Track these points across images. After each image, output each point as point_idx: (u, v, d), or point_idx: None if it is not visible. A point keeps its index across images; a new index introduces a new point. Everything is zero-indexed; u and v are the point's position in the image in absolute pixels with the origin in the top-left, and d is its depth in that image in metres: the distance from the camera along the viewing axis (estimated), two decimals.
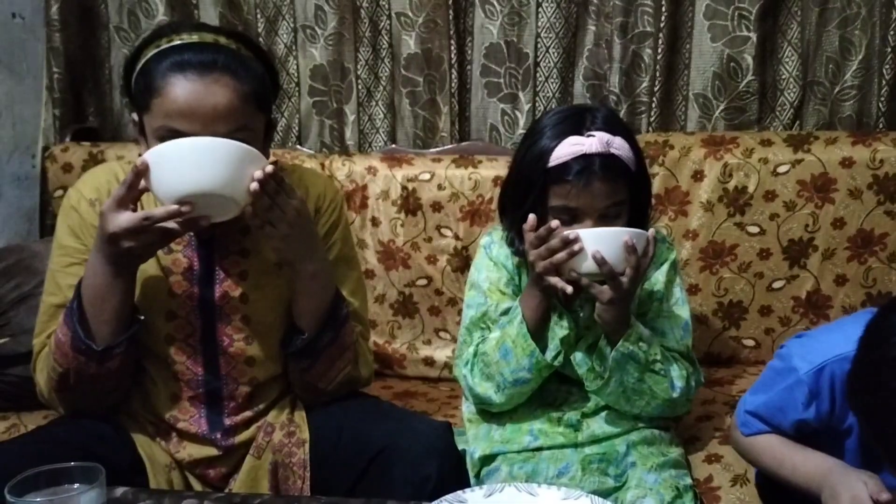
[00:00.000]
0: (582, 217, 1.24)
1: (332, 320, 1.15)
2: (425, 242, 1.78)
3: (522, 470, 1.26)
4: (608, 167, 1.22)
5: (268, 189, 1.04)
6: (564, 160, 1.22)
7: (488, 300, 1.35)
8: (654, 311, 1.35)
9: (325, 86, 1.99)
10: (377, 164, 1.81)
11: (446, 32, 1.90)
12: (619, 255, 1.18)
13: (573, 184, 1.22)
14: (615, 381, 1.26)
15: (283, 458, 1.19)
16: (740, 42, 1.82)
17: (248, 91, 1.09)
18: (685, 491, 1.22)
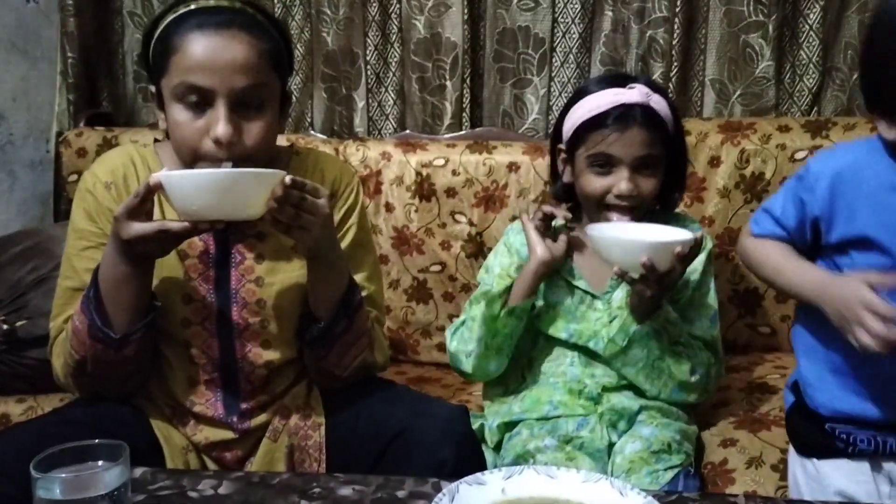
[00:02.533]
0: (617, 165, 1.28)
1: (347, 307, 1.14)
2: (439, 228, 1.78)
3: (543, 429, 1.28)
4: (647, 117, 1.27)
5: (291, 200, 1.02)
6: (605, 108, 1.28)
7: (493, 282, 1.38)
8: (686, 299, 1.36)
9: (336, 71, 1.98)
10: (391, 150, 1.80)
11: (459, 16, 1.89)
12: (669, 263, 1.18)
13: (612, 129, 1.27)
14: (634, 355, 1.28)
15: (299, 441, 1.19)
16: (756, 27, 1.81)
17: (265, 49, 1.10)
18: (676, 451, 1.23)
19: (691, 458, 1.26)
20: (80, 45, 1.97)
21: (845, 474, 1.13)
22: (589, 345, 1.34)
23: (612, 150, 1.27)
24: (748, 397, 1.50)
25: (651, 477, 1.17)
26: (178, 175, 1.01)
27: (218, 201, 0.99)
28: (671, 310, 1.27)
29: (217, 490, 0.99)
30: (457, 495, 0.93)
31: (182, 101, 1.09)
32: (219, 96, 1.07)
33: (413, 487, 0.99)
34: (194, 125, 1.09)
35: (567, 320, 1.37)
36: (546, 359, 1.39)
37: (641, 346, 1.27)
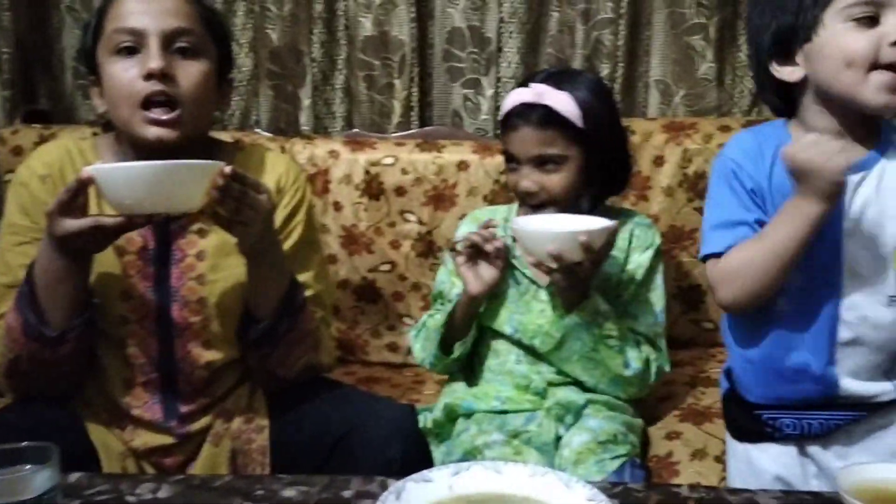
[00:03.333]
0: (518, 163, 1.34)
1: (289, 307, 1.12)
2: (389, 227, 1.76)
3: (491, 425, 1.29)
4: (539, 116, 1.30)
5: (232, 193, 1.00)
6: (508, 108, 1.34)
7: (445, 282, 1.43)
8: (631, 295, 1.37)
9: (282, 68, 1.96)
10: (339, 148, 1.78)
11: (406, 15, 1.88)
12: (575, 252, 1.19)
13: (509, 129, 1.34)
14: (569, 347, 1.30)
15: (242, 445, 1.17)
16: (698, 29, 1.84)
17: (197, 7, 1.13)
18: (622, 442, 1.24)
19: (637, 450, 1.28)
20: (15, 40, 1.91)
21: (774, 458, 1.16)
22: (534, 343, 1.35)
23: (513, 148, 1.33)
24: (692, 391, 1.53)
25: (598, 466, 1.18)
26: (110, 168, 0.98)
27: (152, 194, 0.96)
28: (602, 301, 1.29)
29: (156, 494, 0.96)
30: (403, 493, 0.92)
31: (116, 53, 1.10)
32: (151, 36, 1.08)
33: (359, 487, 0.97)
34: (129, 73, 1.09)
35: (511, 310, 1.37)
36: (492, 357, 1.40)
37: (575, 338, 1.29)
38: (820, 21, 1.01)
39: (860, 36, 0.99)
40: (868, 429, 1.13)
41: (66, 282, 1.05)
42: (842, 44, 1.00)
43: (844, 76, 1.00)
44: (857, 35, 0.99)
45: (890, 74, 0.98)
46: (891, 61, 0.97)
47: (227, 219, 1.02)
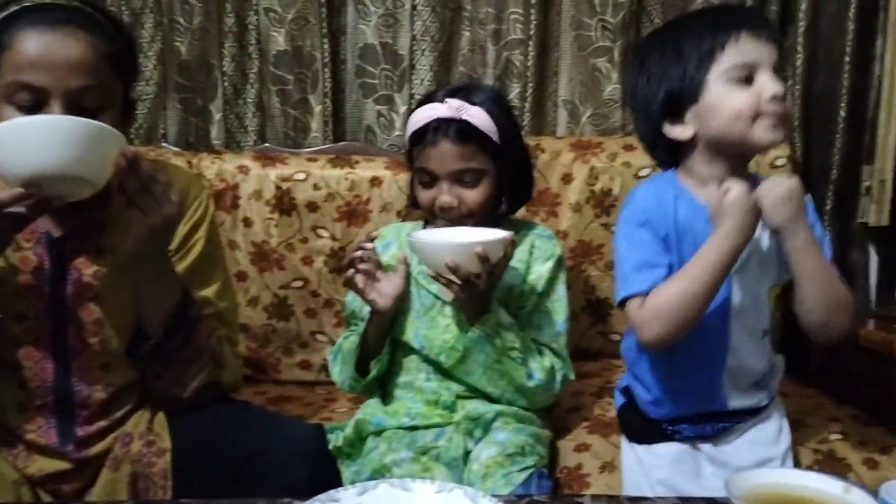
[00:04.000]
0: (437, 179, 1.33)
1: (181, 323, 1.10)
2: (301, 243, 1.75)
3: (401, 443, 1.29)
4: (459, 131, 1.30)
5: (140, 172, 0.98)
6: (422, 124, 1.32)
7: (355, 301, 1.42)
8: (533, 305, 1.39)
9: (191, 82, 1.92)
10: (249, 163, 1.76)
11: (318, 31, 1.88)
12: (472, 264, 1.21)
13: (426, 145, 1.32)
14: (472, 360, 1.31)
15: (142, 469, 1.13)
16: (603, 52, 1.91)
17: (104, 49, 1.05)
18: (529, 454, 1.26)
19: (545, 461, 1.30)
20: None
21: (670, 458, 1.24)
22: (440, 359, 1.36)
23: (430, 165, 1.32)
24: (600, 402, 1.56)
25: (505, 479, 1.19)
26: (4, 125, 0.94)
27: (52, 152, 0.92)
28: (504, 314, 1.31)
29: None
30: None
31: (12, 103, 1.02)
32: (53, 96, 1.01)
33: None
34: None
35: (416, 326, 1.38)
36: (403, 374, 1.40)
37: (478, 350, 1.30)
38: (704, 84, 1.15)
39: (741, 94, 1.13)
40: (752, 424, 1.27)
41: None
42: (728, 102, 1.14)
43: (734, 128, 1.14)
44: (738, 93, 1.13)
45: (772, 117, 1.13)
46: (771, 112, 1.12)
47: (129, 202, 1.00)
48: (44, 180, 0.95)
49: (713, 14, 1.20)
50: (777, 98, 1.12)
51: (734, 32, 1.13)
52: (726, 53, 1.13)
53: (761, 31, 1.14)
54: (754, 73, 1.13)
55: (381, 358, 1.37)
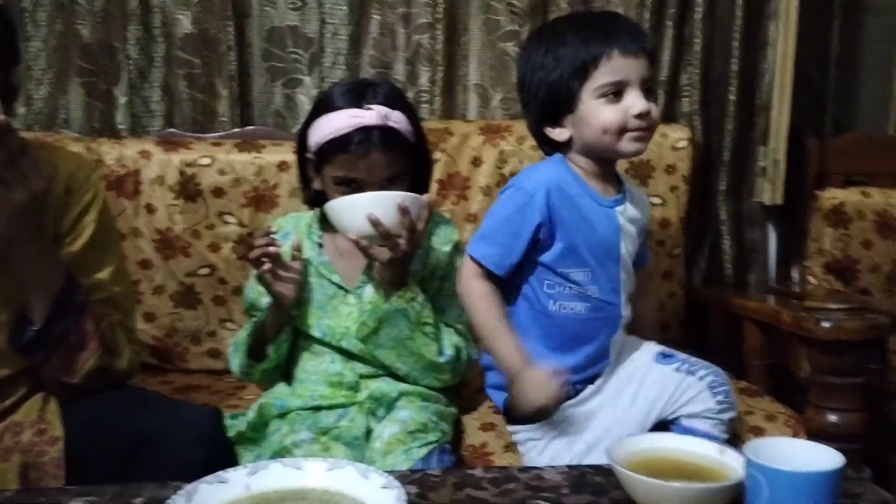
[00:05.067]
0: (363, 187, 1.29)
1: (65, 307, 1.08)
2: (207, 230, 1.72)
3: (303, 424, 1.28)
4: (386, 139, 1.28)
5: (9, 141, 0.95)
6: (345, 132, 1.28)
7: (254, 291, 1.41)
8: (435, 289, 1.41)
9: (94, 66, 1.86)
10: (151, 148, 1.72)
11: (223, 13, 1.85)
12: (393, 217, 1.22)
13: (353, 154, 1.28)
14: (384, 334, 1.31)
15: (33, 459, 1.10)
16: (511, 36, 1.93)
17: None
18: (432, 430, 1.27)
19: (448, 437, 1.32)
20: None
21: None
22: (342, 344, 1.36)
23: (356, 174, 1.29)
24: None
25: (405, 455, 1.21)
26: None
27: None
28: (418, 290, 1.32)
29: None
30: (195, 494, 0.90)
31: None
32: None
33: (153, 493, 0.95)
34: None
35: (319, 316, 1.38)
36: (308, 359, 1.40)
37: (391, 325, 1.30)
38: (578, 97, 1.24)
39: (610, 109, 1.23)
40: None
41: None
42: (598, 116, 1.24)
43: (603, 139, 1.25)
44: (608, 108, 1.23)
45: (636, 132, 1.24)
46: (636, 126, 1.23)
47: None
48: None
49: (589, 26, 1.27)
50: (643, 115, 1.22)
51: (606, 50, 1.22)
52: (599, 70, 1.22)
53: (633, 47, 1.22)
54: (623, 90, 1.23)
55: (279, 344, 1.36)
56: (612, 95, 1.23)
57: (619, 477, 0.92)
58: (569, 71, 1.24)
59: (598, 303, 1.29)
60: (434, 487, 0.99)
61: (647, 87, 1.25)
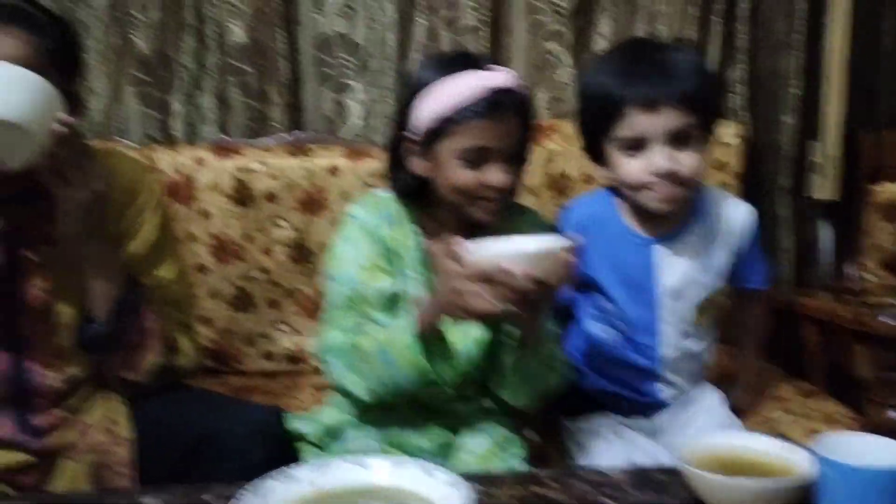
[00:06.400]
0: (492, 158, 1.14)
1: (126, 307, 1.11)
2: (260, 234, 1.75)
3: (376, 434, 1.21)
4: (517, 102, 1.15)
5: (74, 143, 0.99)
6: (476, 94, 1.12)
7: (361, 279, 1.18)
8: None
9: (150, 76, 1.91)
10: (205, 155, 1.76)
11: (275, 22, 1.88)
12: (558, 271, 1.04)
13: (488, 118, 1.12)
14: (519, 379, 1.19)
15: (102, 459, 1.14)
16: (556, 36, 1.93)
17: (42, 46, 1.06)
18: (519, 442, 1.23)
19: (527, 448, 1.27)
20: None
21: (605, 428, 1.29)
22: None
23: (488, 141, 1.13)
24: None
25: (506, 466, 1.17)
26: None
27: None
28: (550, 324, 1.19)
29: None
30: (263, 491, 0.92)
31: None
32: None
33: (221, 490, 0.97)
34: None
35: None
36: None
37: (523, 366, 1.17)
38: (603, 144, 1.21)
39: (632, 163, 1.18)
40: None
41: None
42: (620, 169, 1.20)
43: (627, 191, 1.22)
44: (629, 162, 1.18)
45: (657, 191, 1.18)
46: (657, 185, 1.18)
47: (59, 173, 1.01)
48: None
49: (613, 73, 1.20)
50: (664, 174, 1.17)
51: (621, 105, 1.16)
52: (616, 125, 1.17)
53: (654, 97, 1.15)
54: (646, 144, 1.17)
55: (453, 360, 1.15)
56: (631, 149, 1.17)
57: (685, 475, 0.92)
58: (594, 116, 1.20)
59: (628, 336, 1.27)
60: (497, 485, 0.99)
61: (677, 138, 1.15)
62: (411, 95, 1.19)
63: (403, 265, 1.22)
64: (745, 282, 1.32)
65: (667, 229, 1.26)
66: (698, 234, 1.26)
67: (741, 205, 1.31)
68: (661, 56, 1.19)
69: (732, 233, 1.28)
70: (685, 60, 1.19)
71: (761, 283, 1.34)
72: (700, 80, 1.18)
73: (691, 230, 1.26)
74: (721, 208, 1.29)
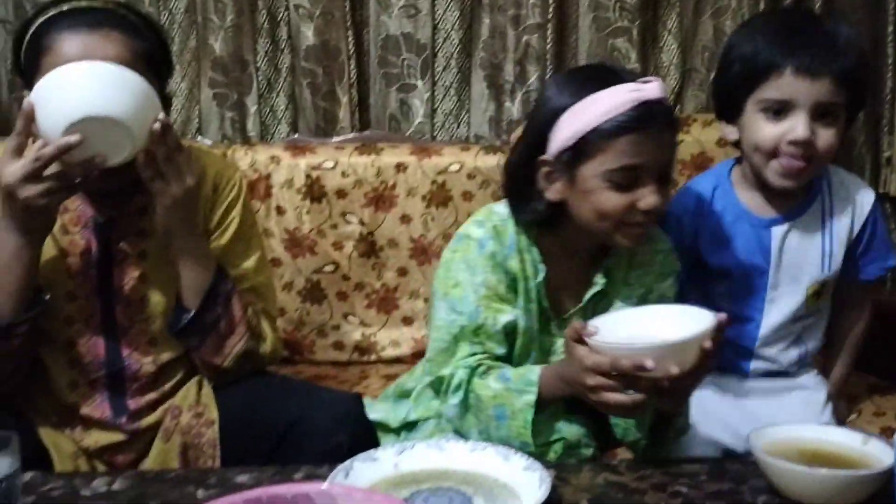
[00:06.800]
0: (643, 178, 1.06)
1: (216, 296, 1.16)
2: (331, 229, 1.81)
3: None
4: (668, 113, 1.08)
5: (169, 140, 1.05)
6: (626, 110, 1.03)
7: (483, 311, 1.13)
8: None
9: (226, 78, 1.99)
10: (280, 154, 1.82)
11: (343, 24, 1.94)
12: (697, 361, 0.97)
13: (641, 133, 1.04)
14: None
15: (191, 440, 1.19)
16: (622, 32, 1.94)
17: (139, 48, 1.11)
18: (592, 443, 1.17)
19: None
20: None
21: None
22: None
23: (641, 158, 1.05)
24: None
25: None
26: (51, 73, 1.01)
27: (97, 94, 0.99)
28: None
29: (110, 487, 0.99)
30: (351, 472, 0.97)
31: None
32: None
33: (308, 471, 1.02)
34: None
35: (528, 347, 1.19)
36: None
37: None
38: (745, 104, 1.20)
39: (769, 127, 1.18)
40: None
41: (16, 268, 1.06)
42: (755, 131, 1.20)
43: (754, 156, 1.22)
44: (767, 126, 1.18)
45: (788, 159, 1.18)
46: (789, 153, 1.18)
47: (155, 169, 1.07)
48: (87, 126, 1.00)
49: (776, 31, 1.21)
50: (798, 142, 1.16)
51: (779, 64, 1.16)
52: (767, 84, 1.18)
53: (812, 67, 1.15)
54: (790, 110, 1.17)
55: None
56: (773, 114, 1.17)
57: (762, 465, 0.93)
58: (740, 74, 1.19)
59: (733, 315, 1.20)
60: (572, 472, 1.02)
61: (822, 112, 1.16)
62: (550, 116, 1.10)
63: (523, 294, 1.17)
64: (860, 273, 1.32)
65: (786, 209, 1.25)
66: (816, 216, 1.26)
67: (864, 187, 1.30)
68: (823, 28, 1.21)
69: (852, 216, 1.28)
70: (848, 37, 1.19)
71: (877, 274, 1.33)
72: (859, 59, 1.19)
73: (811, 211, 1.26)
74: (843, 190, 1.28)
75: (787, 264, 1.26)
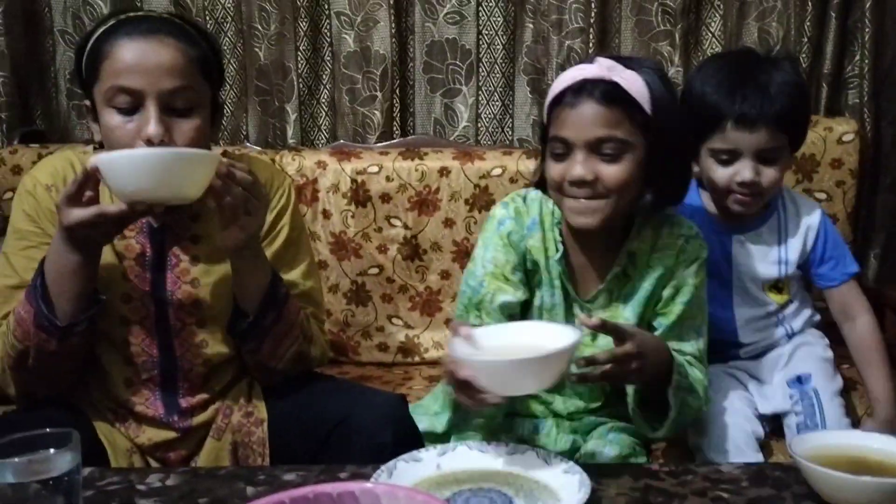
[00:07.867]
0: (572, 149, 1.13)
1: (273, 300, 1.19)
2: (375, 232, 1.84)
3: (499, 428, 1.24)
4: (605, 92, 1.10)
5: (241, 182, 1.08)
6: (564, 85, 1.14)
7: (486, 285, 1.21)
8: (678, 315, 1.22)
9: (269, 85, 2.04)
10: (326, 159, 1.86)
11: (387, 31, 1.97)
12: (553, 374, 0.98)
13: (565, 107, 1.13)
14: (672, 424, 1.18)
15: (242, 438, 1.23)
16: (664, 36, 1.93)
17: (193, 55, 1.15)
18: (640, 453, 1.25)
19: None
20: (11, 64, 1.98)
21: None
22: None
23: (565, 131, 1.13)
24: None
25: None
26: (114, 155, 1.05)
27: (153, 181, 1.02)
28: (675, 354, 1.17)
29: (164, 483, 1.03)
30: (395, 471, 1.00)
31: (113, 105, 1.13)
32: (148, 97, 1.11)
33: (354, 470, 1.04)
34: (126, 128, 1.12)
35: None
36: None
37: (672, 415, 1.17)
38: (699, 152, 1.40)
39: (721, 170, 1.38)
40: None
41: (75, 275, 1.11)
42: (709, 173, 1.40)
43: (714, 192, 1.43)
44: (719, 169, 1.38)
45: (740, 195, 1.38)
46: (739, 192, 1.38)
47: (232, 212, 1.09)
48: (146, 199, 1.05)
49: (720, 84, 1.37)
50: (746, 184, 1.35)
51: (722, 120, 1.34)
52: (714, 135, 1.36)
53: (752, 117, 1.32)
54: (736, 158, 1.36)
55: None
56: (722, 160, 1.36)
57: (804, 472, 0.93)
58: (693, 124, 1.34)
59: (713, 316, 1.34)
60: (612, 476, 1.03)
61: (764, 156, 1.34)
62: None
63: (545, 272, 1.23)
64: (826, 280, 1.49)
65: (744, 223, 1.45)
66: (773, 228, 1.46)
67: (813, 206, 1.50)
68: (764, 76, 1.35)
69: (805, 230, 1.47)
70: (786, 82, 1.35)
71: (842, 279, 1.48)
72: (792, 102, 1.34)
73: (769, 223, 1.46)
74: (794, 206, 1.48)
75: (746, 268, 1.45)
